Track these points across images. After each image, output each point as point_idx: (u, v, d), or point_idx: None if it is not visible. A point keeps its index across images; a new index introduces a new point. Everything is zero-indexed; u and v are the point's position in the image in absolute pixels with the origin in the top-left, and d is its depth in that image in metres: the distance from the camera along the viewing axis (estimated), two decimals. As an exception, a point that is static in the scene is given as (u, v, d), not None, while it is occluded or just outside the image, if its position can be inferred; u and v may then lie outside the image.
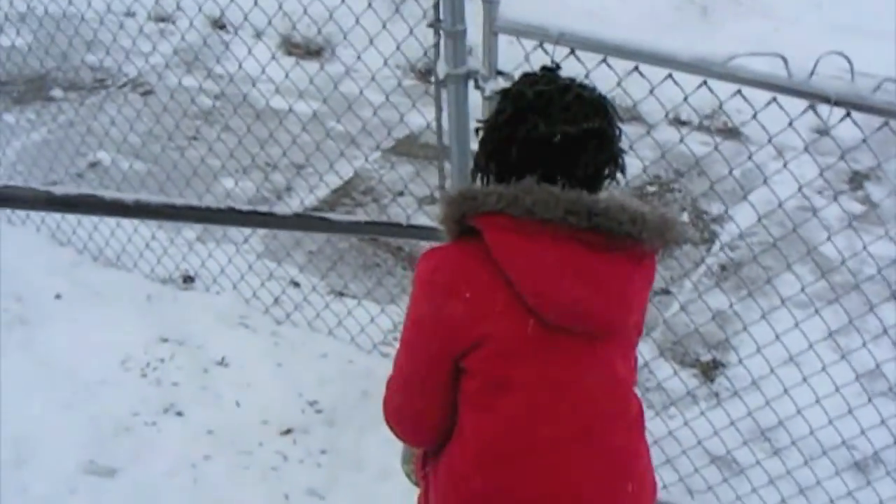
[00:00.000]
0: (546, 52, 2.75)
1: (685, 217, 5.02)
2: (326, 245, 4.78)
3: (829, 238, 3.08)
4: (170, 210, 3.33)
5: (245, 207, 3.85)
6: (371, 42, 3.56)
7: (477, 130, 2.07)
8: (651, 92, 2.89)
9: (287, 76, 4.43)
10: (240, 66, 4.33)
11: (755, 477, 3.41)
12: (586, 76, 2.70)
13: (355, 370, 3.79)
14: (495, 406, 1.91)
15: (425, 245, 4.84)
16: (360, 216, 4.88)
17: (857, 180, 5.25)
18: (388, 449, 3.46)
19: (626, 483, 1.96)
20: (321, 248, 4.69)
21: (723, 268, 4.56)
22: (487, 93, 2.94)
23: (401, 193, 5.07)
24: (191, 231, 4.74)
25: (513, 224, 1.84)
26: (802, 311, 3.34)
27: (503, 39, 2.83)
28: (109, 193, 3.22)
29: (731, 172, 3.21)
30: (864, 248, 3.06)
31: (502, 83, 2.94)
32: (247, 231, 4.70)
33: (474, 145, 3.18)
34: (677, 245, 1.97)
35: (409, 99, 3.87)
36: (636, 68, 2.80)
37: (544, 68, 2.02)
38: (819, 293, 3.58)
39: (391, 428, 2.16)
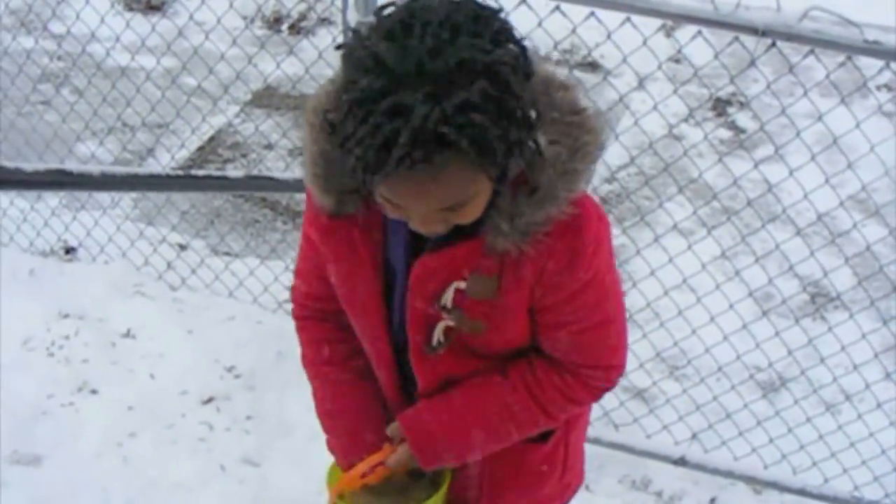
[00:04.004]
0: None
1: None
2: (199, 203, 4.72)
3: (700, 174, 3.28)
4: (60, 178, 3.27)
5: (142, 171, 3.81)
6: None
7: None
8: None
9: (133, 31, 4.25)
10: (77, 17, 4.17)
11: (663, 402, 3.60)
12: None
13: (266, 331, 3.78)
14: None
15: (303, 198, 4.83)
16: (236, 172, 4.81)
17: (720, 107, 5.49)
18: (313, 409, 3.50)
19: None
20: (195, 207, 4.62)
21: (604, 201, 4.72)
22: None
23: (268, 147, 5.05)
24: (54, 198, 4.59)
25: None
26: (688, 239, 3.51)
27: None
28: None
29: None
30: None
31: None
32: (115, 193, 4.59)
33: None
34: None
35: (264, 49, 3.86)
36: (557, 8, 2.87)
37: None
38: (700, 220, 3.76)
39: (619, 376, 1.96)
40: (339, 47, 1.48)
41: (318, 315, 2.01)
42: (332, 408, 2.02)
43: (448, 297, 1.73)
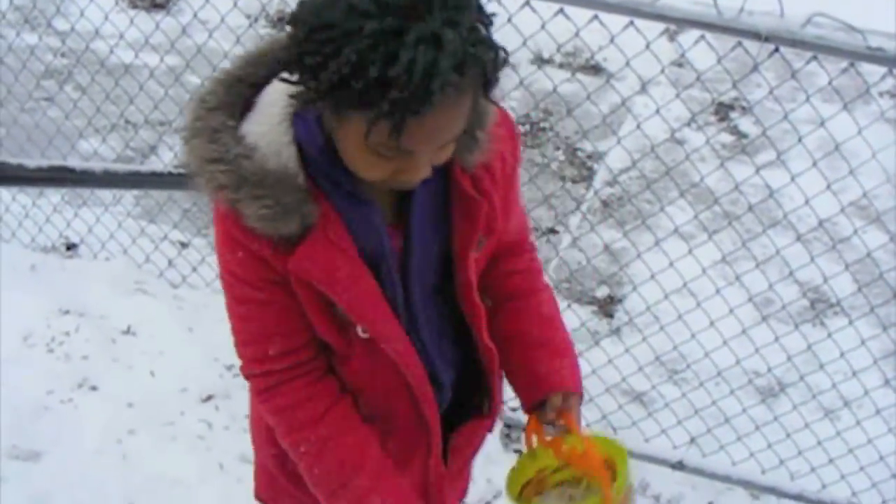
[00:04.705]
0: None
1: (560, 156, 5.16)
2: (201, 201, 4.72)
3: (702, 179, 3.28)
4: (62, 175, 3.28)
5: (144, 169, 3.80)
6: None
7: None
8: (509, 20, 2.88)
9: (136, 28, 4.27)
10: (81, 14, 4.20)
11: (661, 406, 3.60)
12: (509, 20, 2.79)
13: (266, 330, 3.78)
14: None
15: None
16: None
17: (722, 112, 5.49)
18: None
19: None
20: (197, 205, 4.62)
21: (605, 204, 4.72)
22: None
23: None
24: (56, 194, 4.59)
25: None
26: (688, 243, 3.52)
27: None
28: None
29: (605, 112, 3.34)
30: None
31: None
32: (116, 191, 4.58)
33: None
34: None
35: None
36: (561, 10, 2.87)
37: None
38: (701, 224, 3.77)
39: None
40: (292, 19, 1.43)
41: (289, 376, 1.78)
42: (346, 461, 1.80)
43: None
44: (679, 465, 3.41)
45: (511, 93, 3.56)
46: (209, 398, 3.52)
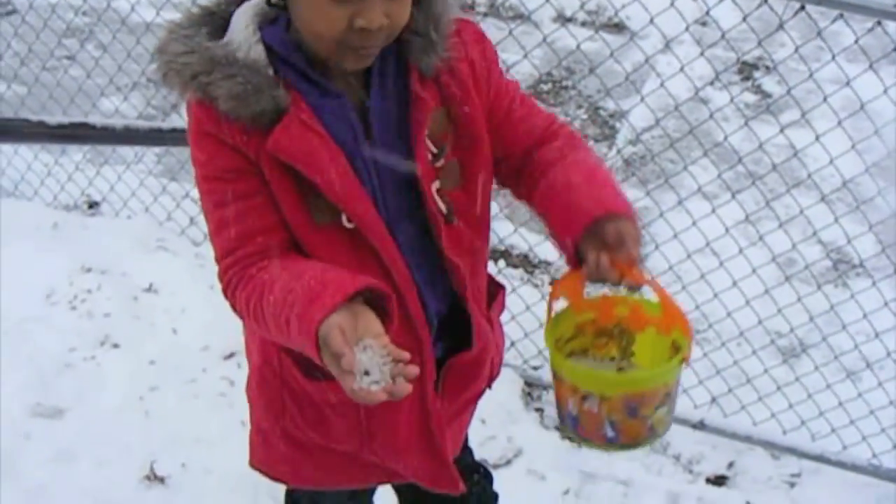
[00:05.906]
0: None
1: (582, 114, 5.12)
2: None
3: (726, 137, 3.25)
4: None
5: (165, 126, 3.80)
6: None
7: None
8: None
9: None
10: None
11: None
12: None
13: (288, 287, 3.78)
14: None
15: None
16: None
17: (746, 71, 5.45)
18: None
19: None
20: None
21: (627, 163, 4.70)
22: None
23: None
24: (78, 152, 4.60)
25: None
26: (711, 202, 3.50)
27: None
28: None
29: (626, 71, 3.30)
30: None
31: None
32: (138, 149, 4.59)
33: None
34: None
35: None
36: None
37: None
38: (725, 183, 3.74)
39: None
40: None
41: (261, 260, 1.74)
42: (294, 271, 1.66)
43: (429, 146, 1.75)
44: (700, 425, 3.40)
45: (533, 51, 3.52)
46: (231, 356, 3.51)
